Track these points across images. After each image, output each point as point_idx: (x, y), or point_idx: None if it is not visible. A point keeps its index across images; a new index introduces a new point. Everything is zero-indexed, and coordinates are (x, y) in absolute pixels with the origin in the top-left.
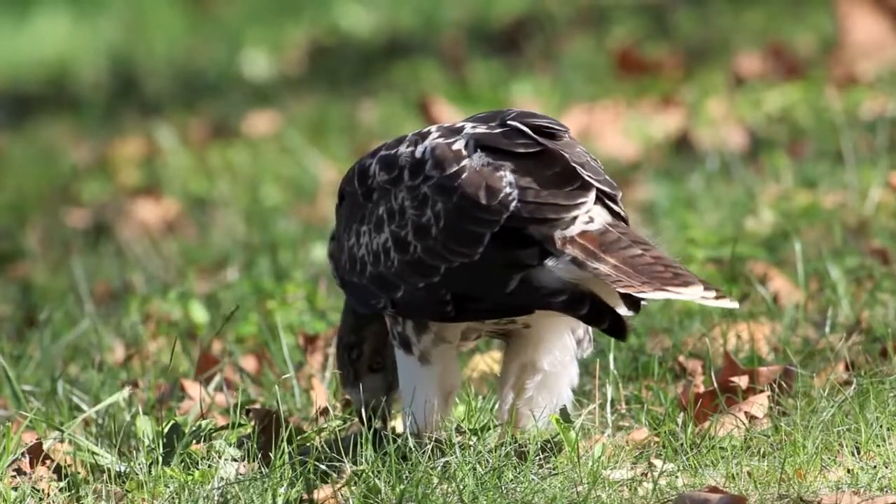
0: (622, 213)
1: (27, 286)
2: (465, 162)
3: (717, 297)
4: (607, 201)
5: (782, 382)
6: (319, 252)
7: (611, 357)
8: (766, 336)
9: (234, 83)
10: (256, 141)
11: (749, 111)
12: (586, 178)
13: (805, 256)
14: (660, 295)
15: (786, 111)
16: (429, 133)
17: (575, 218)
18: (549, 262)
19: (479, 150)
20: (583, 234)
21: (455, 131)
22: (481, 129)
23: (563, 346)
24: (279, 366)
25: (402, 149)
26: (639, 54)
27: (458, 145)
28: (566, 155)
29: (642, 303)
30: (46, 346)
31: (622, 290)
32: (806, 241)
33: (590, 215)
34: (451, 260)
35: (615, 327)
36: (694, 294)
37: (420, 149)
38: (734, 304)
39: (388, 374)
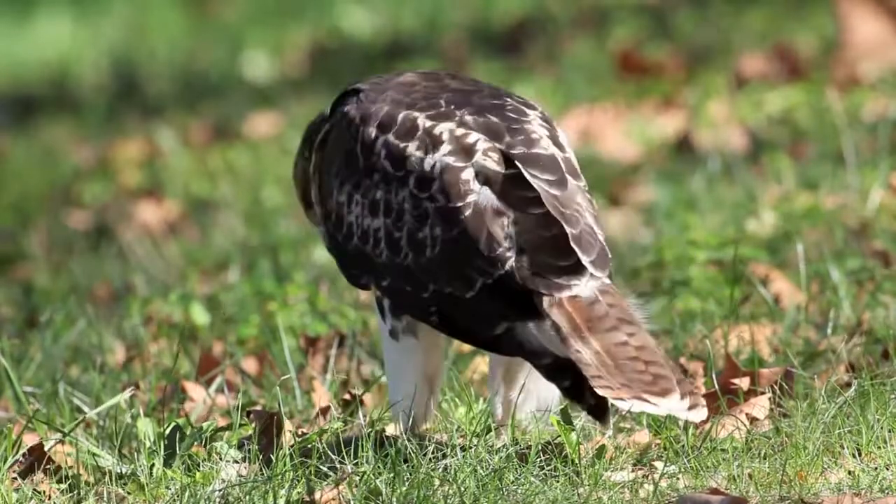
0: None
1: (28, 287)
2: (471, 198)
3: (689, 409)
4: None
5: (783, 384)
6: (321, 254)
7: None
8: (768, 338)
9: (235, 84)
10: (258, 142)
11: (750, 113)
12: (582, 259)
13: (806, 258)
14: (635, 405)
15: (787, 112)
16: (441, 140)
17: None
18: (531, 324)
19: (486, 187)
20: (572, 299)
21: (467, 151)
22: (490, 159)
23: None
24: (280, 367)
25: (413, 149)
26: (640, 56)
27: (468, 175)
28: (565, 228)
29: (610, 408)
30: (48, 348)
31: (599, 391)
32: (807, 243)
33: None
34: (441, 285)
35: (597, 409)
36: (669, 406)
37: (430, 161)
38: (701, 417)
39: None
